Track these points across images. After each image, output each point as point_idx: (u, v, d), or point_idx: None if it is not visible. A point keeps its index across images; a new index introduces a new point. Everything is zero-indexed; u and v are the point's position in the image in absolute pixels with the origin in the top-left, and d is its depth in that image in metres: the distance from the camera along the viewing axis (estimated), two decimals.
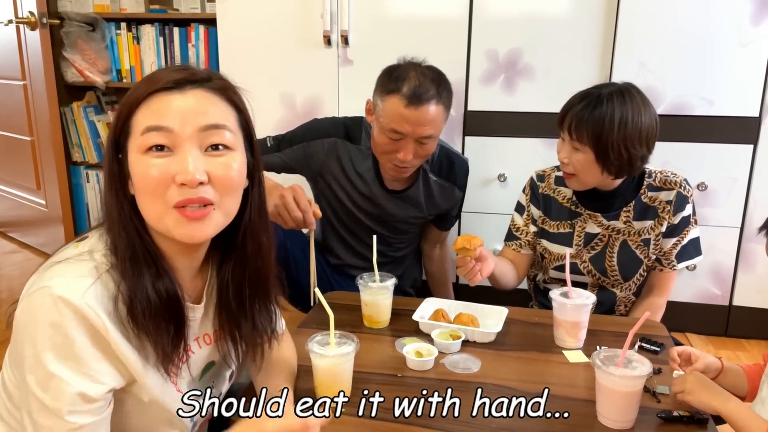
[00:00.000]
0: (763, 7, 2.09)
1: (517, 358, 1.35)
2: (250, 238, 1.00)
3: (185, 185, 0.85)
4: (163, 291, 0.90)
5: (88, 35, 2.99)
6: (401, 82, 1.65)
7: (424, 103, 1.64)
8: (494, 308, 1.51)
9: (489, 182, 2.39)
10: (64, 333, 0.81)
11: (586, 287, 1.72)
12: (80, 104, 3.15)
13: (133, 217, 0.90)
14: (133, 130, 0.88)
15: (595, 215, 1.66)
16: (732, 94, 2.18)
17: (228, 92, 0.93)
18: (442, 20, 2.32)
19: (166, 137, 0.86)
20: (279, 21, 2.45)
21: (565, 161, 1.58)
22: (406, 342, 1.37)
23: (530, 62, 2.29)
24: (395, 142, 1.69)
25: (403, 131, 1.66)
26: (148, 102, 0.87)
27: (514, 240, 1.78)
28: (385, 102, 1.67)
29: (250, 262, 1.01)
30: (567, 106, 1.57)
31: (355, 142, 1.87)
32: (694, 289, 2.38)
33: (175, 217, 0.87)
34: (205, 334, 1.05)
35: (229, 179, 0.90)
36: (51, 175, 3.07)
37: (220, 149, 0.89)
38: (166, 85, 0.87)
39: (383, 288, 1.48)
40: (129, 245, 0.89)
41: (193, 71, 0.91)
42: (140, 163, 0.86)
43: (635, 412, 1.09)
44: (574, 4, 2.23)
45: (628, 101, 1.50)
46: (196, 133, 0.87)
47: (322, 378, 1.12)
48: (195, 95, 0.89)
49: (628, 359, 1.10)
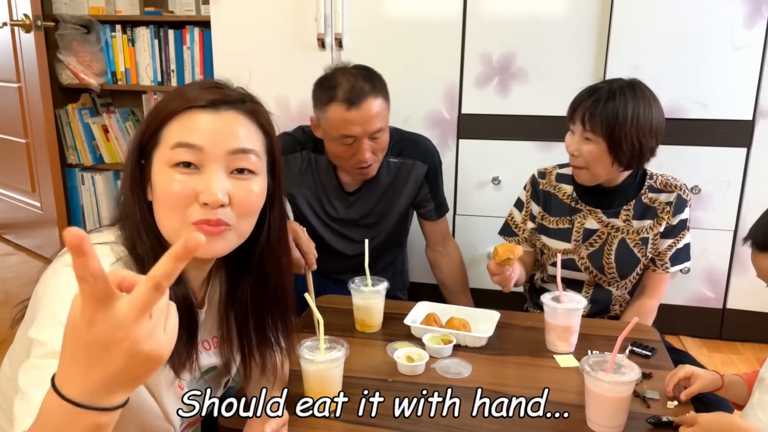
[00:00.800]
0: (756, 10, 2.10)
1: (509, 362, 1.35)
2: (269, 257, 1.02)
3: (207, 205, 0.87)
4: (180, 296, 0.91)
5: (83, 37, 2.99)
6: (334, 90, 1.68)
7: (363, 100, 1.67)
8: (486, 312, 1.51)
9: (483, 185, 2.39)
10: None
11: (583, 285, 1.74)
12: (75, 106, 3.15)
13: (151, 222, 0.91)
14: (162, 141, 0.89)
15: (595, 211, 1.68)
16: (725, 97, 2.19)
17: (259, 116, 0.95)
18: (435, 24, 2.32)
19: (195, 155, 0.87)
20: (273, 24, 2.45)
21: (576, 153, 1.59)
22: (397, 346, 1.37)
23: (524, 65, 2.29)
24: (350, 147, 1.72)
25: (353, 133, 1.68)
26: (181, 117, 0.89)
27: (513, 236, 1.81)
28: (327, 113, 1.70)
29: (270, 281, 1.03)
30: (577, 99, 1.60)
31: (321, 152, 1.86)
32: (688, 293, 2.38)
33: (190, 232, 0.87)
34: (204, 340, 1.06)
35: (248, 204, 0.92)
36: (46, 177, 3.07)
37: (244, 173, 0.91)
38: (201, 103, 0.89)
39: (375, 292, 1.48)
40: (150, 249, 0.90)
41: (227, 92, 0.93)
42: (165, 177, 0.88)
43: (624, 417, 1.09)
44: (567, 8, 2.23)
45: (639, 95, 1.55)
46: (225, 155, 0.89)
47: (312, 383, 1.12)
48: (228, 117, 0.90)
49: (618, 364, 1.10)
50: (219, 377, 1.12)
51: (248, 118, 0.93)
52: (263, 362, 1.09)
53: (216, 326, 1.08)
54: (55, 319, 0.79)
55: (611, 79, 1.63)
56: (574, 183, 1.72)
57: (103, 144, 3.18)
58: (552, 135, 2.28)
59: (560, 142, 2.25)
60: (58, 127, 3.15)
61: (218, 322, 1.07)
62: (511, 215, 1.82)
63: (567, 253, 1.70)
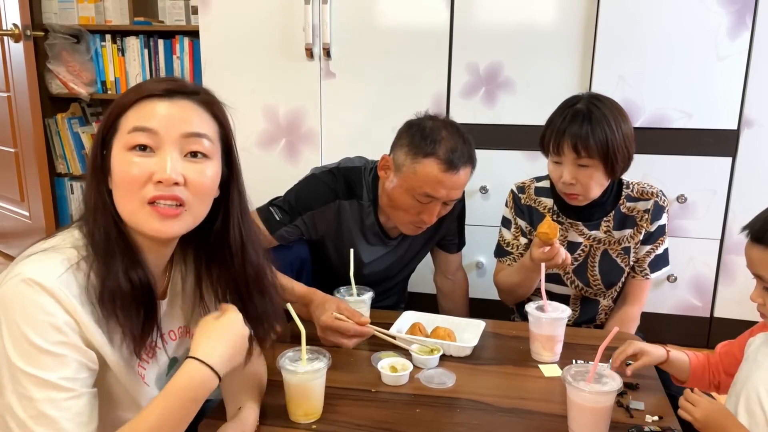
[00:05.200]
0: (739, 21, 2.12)
1: (493, 372, 1.35)
2: (228, 247, 1.05)
3: (161, 183, 0.91)
4: (136, 279, 0.94)
5: (72, 47, 2.99)
6: (437, 145, 1.54)
7: (462, 167, 1.56)
8: (471, 322, 1.52)
9: (471, 194, 2.40)
10: (43, 311, 0.84)
11: (569, 299, 1.74)
12: (64, 116, 3.15)
13: (110, 208, 0.95)
14: (120, 129, 0.94)
15: (576, 224, 1.68)
16: (710, 107, 2.20)
17: (212, 106, 1.00)
18: (423, 34, 2.34)
19: (150, 138, 0.92)
20: (261, 34, 2.46)
21: (572, 182, 1.57)
22: (382, 356, 1.36)
23: (510, 75, 2.31)
24: (421, 205, 1.59)
25: (438, 196, 1.57)
26: (138, 105, 0.94)
27: (507, 255, 1.78)
28: (419, 164, 1.55)
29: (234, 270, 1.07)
30: (558, 129, 1.56)
31: (356, 197, 1.73)
32: (675, 301, 2.39)
33: (147, 212, 0.92)
34: (170, 330, 1.08)
35: (202, 184, 0.96)
36: (35, 186, 3.06)
37: (198, 157, 0.96)
38: (157, 92, 0.95)
39: (360, 302, 1.48)
40: (105, 233, 0.93)
41: (183, 84, 0.98)
42: (123, 159, 0.92)
43: (606, 427, 1.09)
44: (553, 19, 2.25)
45: (609, 106, 1.56)
46: (178, 138, 0.93)
47: (294, 394, 1.12)
48: (182, 105, 0.96)
49: (599, 374, 1.10)
50: None
51: (202, 107, 0.98)
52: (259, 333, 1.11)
53: (182, 317, 1.11)
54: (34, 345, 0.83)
55: (572, 98, 1.61)
56: (553, 196, 1.71)
57: None
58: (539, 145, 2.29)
59: None
60: (48, 137, 3.14)
61: (188, 313, 1.11)
62: (501, 235, 1.81)
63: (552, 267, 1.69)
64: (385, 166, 1.65)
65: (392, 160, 1.63)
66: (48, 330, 0.84)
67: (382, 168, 1.66)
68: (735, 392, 1.14)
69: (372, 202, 1.72)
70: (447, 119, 1.66)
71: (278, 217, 1.70)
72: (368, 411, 1.17)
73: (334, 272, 1.75)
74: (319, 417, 1.14)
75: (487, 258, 2.41)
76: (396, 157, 1.61)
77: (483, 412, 1.18)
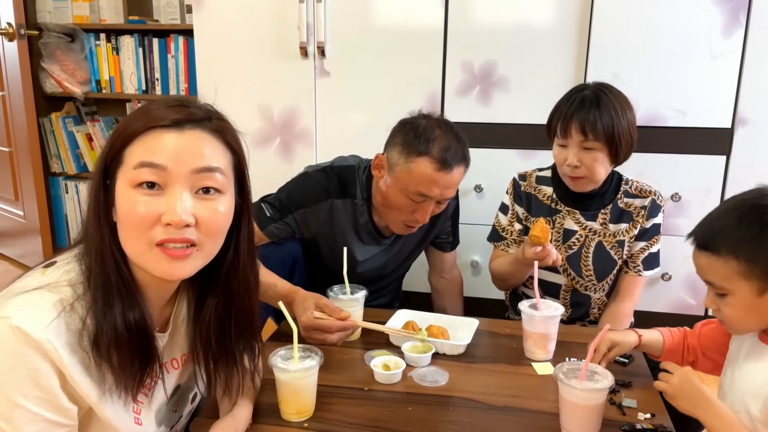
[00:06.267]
0: (733, 19, 2.12)
1: (486, 370, 1.35)
2: (235, 276, 1.01)
3: (170, 225, 0.86)
4: (132, 322, 0.89)
5: (67, 46, 2.98)
6: (431, 144, 1.54)
7: (456, 166, 1.56)
8: (465, 320, 1.52)
9: (466, 193, 2.40)
10: (26, 363, 0.80)
11: (560, 289, 1.75)
12: (59, 115, 3.14)
13: (112, 245, 0.89)
14: (125, 161, 0.87)
15: (573, 212, 1.72)
16: (704, 105, 2.20)
17: (225, 134, 0.93)
18: (417, 32, 2.33)
19: (158, 175, 0.86)
20: (256, 32, 2.45)
21: (577, 164, 1.60)
22: (375, 355, 1.36)
23: (505, 74, 2.31)
24: (415, 204, 1.60)
25: (432, 195, 1.57)
26: (145, 136, 0.87)
27: (501, 240, 1.82)
28: (413, 163, 1.55)
29: (237, 301, 1.02)
30: (566, 112, 1.60)
31: (349, 196, 1.72)
32: (669, 299, 2.39)
33: (156, 255, 0.87)
34: (173, 359, 1.05)
35: (215, 224, 0.91)
36: (29, 186, 3.05)
37: (210, 193, 0.90)
38: (165, 123, 0.87)
39: (354, 300, 1.47)
40: (104, 273, 0.88)
41: (192, 111, 0.91)
42: (128, 198, 0.86)
43: (598, 425, 1.09)
44: (547, 17, 2.25)
45: (616, 93, 1.62)
46: (189, 174, 0.87)
47: (285, 393, 1.12)
48: (192, 136, 0.89)
49: (592, 372, 1.10)
50: (186, 393, 1.11)
51: (214, 137, 0.91)
52: (227, 382, 1.07)
53: (186, 344, 1.07)
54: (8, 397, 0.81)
55: (580, 86, 1.67)
56: (553, 185, 1.75)
57: (87, 152, 3.16)
58: (533, 143, 2.29)
59: (541, 150, 2.29)
60: (42, 136, 3.13)
61: (187, 340, 1.06)
62: (498, 219, 1.85)
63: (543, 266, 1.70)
64: (378, 165, 1.65)
65: (386, 159, 1.63)
66: (27, 383, 0.81)
67: (376, 167, 1.65)
68: (721, 393, 1.15)
69: (366, 200, 1.72)
70: (441, 118, 1.66)
71: (269, 213, 1.70)
72: (361, 409, 1.17)
73: (327, 271, 1.74)
74: (311, 415, 1.14)
75: (482, 257, 2.41)
76: (390, 156, 1.61)
77: (476, 410, 1.18)
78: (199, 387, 1.11)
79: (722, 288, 1.06)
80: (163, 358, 1.01)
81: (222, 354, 1.04)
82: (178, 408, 1.09)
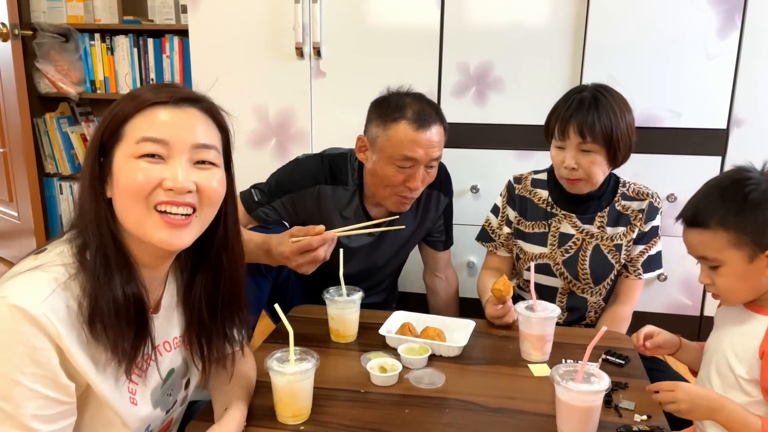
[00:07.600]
0: (728, 21, 2.13)
1: (483, 372, 1.34)
2: (224, 250, 1.05)
3: (172, 191, 0.90)
4: (130, 295, 0.92)
5: (61, 46, 2.97)
6: (403, 110, 1.60)
7: (432, 125, 1.60)
8: (461, 321, 1.51)
9: (462, 194, 2.40)
10: (23, 341, 0.82)
11: (557, 292, 1.75)
12: (53, 115, 3.13)
13: (109, 219, 0.92)
14: (125, 137, 0.91)
15: (569, 216, 1.70)
16: (700, 106, 2.21)
17: (215, 114, 1.00)
18: (413, 33, 2.33)
19: (160, 148, 0.91)
20: (251, 33, 2.45)
21: (574, 166, 1.59)
22: (371, 357, 1.36)
23: (501, 75, 2.31)
24: (404, 171, 1.62)
25: (416, 156, 1.59)
26: (144, 113, 0.92)
27: (489, 241, 1.83)
28: (391, 130, 1.60)
29: (225, 274, 1.06)
30: (564, 115, 1.59)
31: (340, 183, 1.76)
32: (665, 300, 2.39)
33: (155, 221, 0.91)
34: (165, 342, 1.07)
35: (213, 191, 0.96)
36: (23, 187, 3.03)
37: (206, 164, 0.96)
38: (163, 100, 0.93)
39: (350, 302, 1.47)
40: (101, 247, 0.91)
41: (187, 91, 0.98)
42: (130, 167, 0.90)
43: (594, 427, 1.09)
44: (543, 18, 2.25)
45: (614, 95, 1.60)
46: (189, 148, 0.93)
47: (282, 395, 1.11)
48: (190, 113, 0.95)
49: (588, 374, 1.10)
50: (180, 377, 1.12)
51: (206, 115, 0.98)
52: (220, 357, 1.12)
53: (178, 326, 1.09)
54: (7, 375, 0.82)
55: (578, 87, 1.65)
56: (549, 188, 1.74)
57: (82, 153, 3.15)
58: (529, 144, 2.30)
59: (537, 151, 2.29)
60: (36, 137, 3.12)
61: (178, 322, 1.09)
62: (488, 221, 1.85)
63: (542, 258, 1.71)
64: (362, 147, 1.70)
65: (366, 138, 1.68)
66: (25, 361, 0.82)
67: (360, 149, 1.71)
68: (707, 358, 1.22)
69: (357, 186, 1.75)
70: (409, 90, 1.71)
71: (257, 198, 1.76)
72: (357, 412, 1.17)
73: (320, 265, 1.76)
74: (308, 418, 1.13)
75: (478, 258, 2.41)
76: (369, 133, 1.67)
77: (472, 412, 1.17)
78: (195, 364, 1.13)
79: (715, 260, 1.13)
80: (156, 340, 1.02)
81: (213, 327, 1.08)
82: (173, 392, 1.10)
